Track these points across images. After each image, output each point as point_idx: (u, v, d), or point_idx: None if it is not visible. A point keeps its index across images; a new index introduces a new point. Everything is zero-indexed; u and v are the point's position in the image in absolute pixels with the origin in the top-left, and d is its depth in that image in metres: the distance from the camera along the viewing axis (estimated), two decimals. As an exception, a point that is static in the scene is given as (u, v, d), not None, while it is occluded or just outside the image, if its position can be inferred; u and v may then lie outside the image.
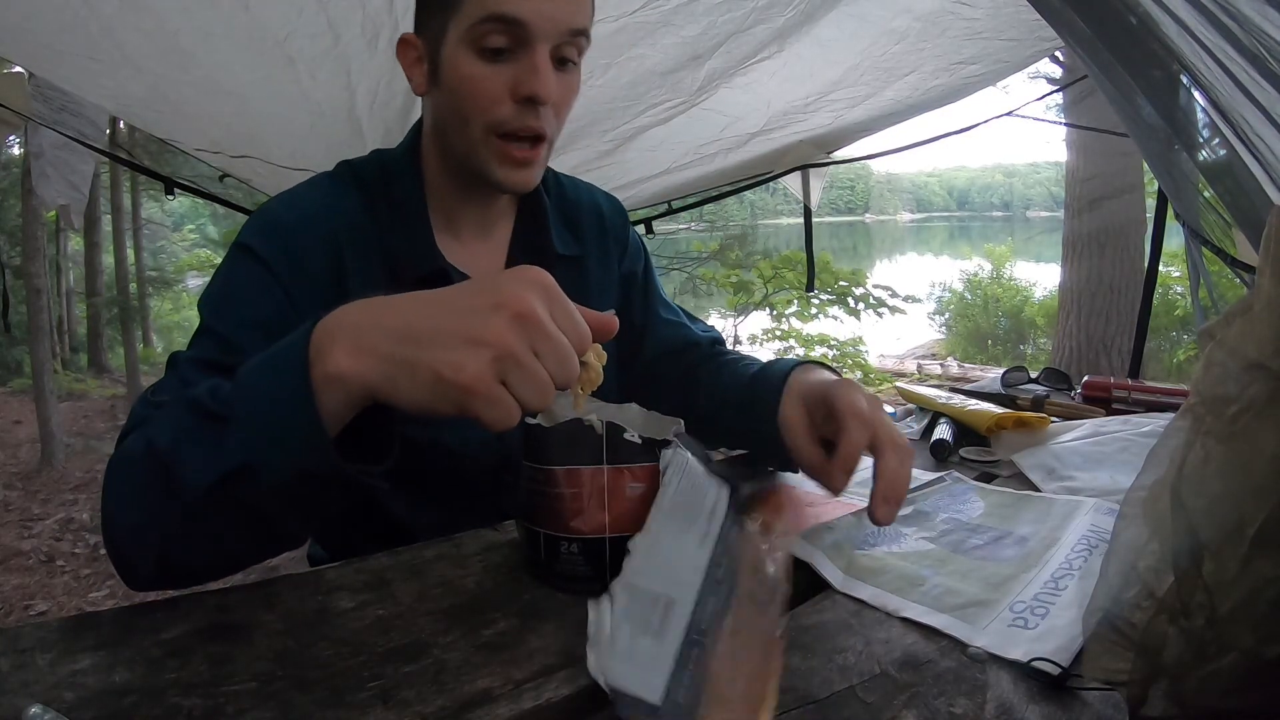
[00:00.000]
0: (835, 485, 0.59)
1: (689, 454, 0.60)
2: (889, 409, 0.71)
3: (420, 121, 0.81)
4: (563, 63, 0.71)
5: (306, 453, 0.48)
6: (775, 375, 0.71)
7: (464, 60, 0.69)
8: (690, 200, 3.11)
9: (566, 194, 0.90)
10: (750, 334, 7.28)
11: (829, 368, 0.73)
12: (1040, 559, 0.63)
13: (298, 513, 0.53)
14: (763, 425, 0.69)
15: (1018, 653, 0.49)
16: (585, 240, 0.89)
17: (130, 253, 7.42)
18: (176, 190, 2.54)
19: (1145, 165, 4.29)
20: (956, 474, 0.83)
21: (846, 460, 0.58)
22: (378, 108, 1.87)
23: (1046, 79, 5.22)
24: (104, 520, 0.55)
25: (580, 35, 0.71)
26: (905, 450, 0.58)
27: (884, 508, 0.56)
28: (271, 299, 0.69)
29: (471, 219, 0.81)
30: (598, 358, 0.50)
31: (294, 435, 0.48)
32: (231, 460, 0.49)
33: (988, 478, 0.86)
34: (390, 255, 0.76)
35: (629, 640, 0.46)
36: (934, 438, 0.96)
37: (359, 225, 0.76)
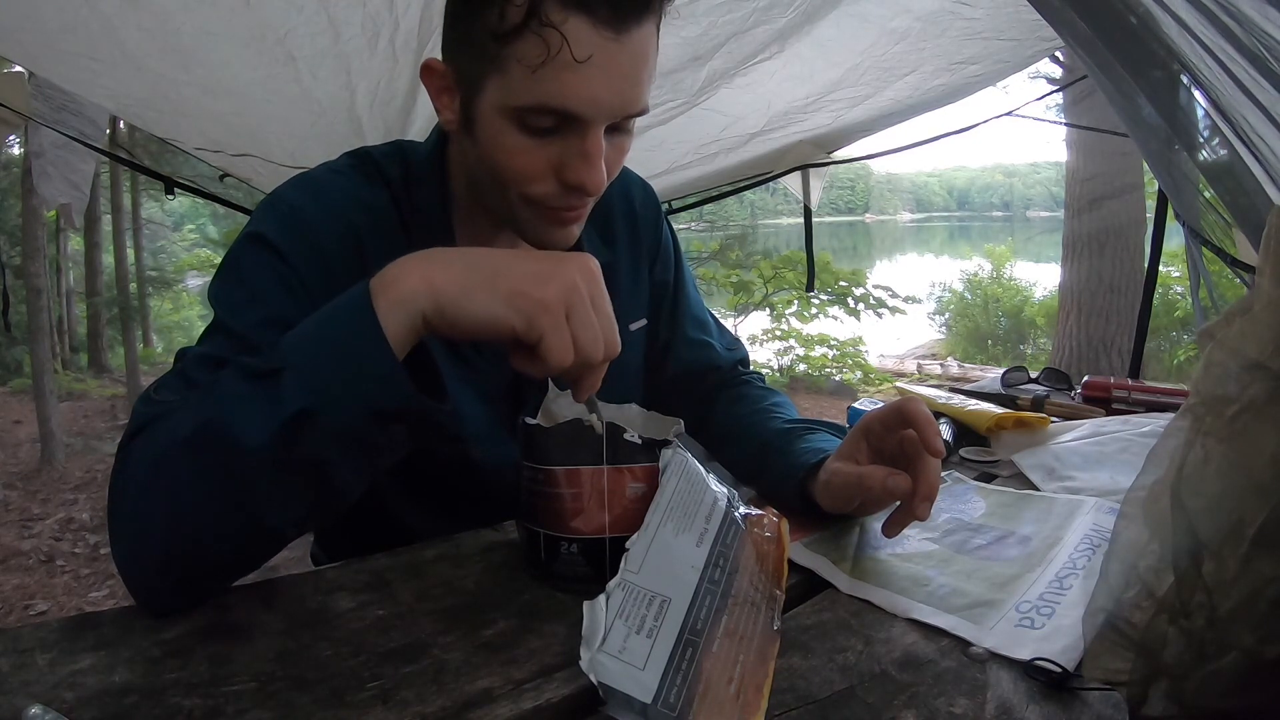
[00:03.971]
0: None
1: (688, 454, 0.60)
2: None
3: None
4: (614, 130, 0.63)
5: (375, 385, 0.49)
6: (796, 467, 0.70)
7: (503, 129, 0.61)
8: (690, 200, 3.12)
9: None
10: (750, 334, 7.29)
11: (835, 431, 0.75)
12: (1044, 558, 0.63)
13: (359, 462, 0.52)
14: (772, 481, 0.73)
15: (1024, 653, 0.49)
16: (617, 243, 0.84)
17: (130, 252, 7.42)
18: (176, 190, 2.54)
19: (1145, 165, 4.28)
20: (957, 474, 0.83)
21: (930, 490, 0.60)
22: (378, 106, 1.87)
23: (1046, 79, 5.22)
24: (116, 535, 0.52)
25: (637, 115, 0.63)
26: (939, 453, 0.61)
27: (924, 505, 0.60)
28: (293, 298, 0.63)
29: (501, 242, 0.75)
30: None
31: (362, 368, 0.49)
32: (291, 405, 0.48)
33: (988, 478, 0.85)
34: None
35: (623, 639, 0.46)
36: (934, 438, 0.96)
37: (384, 224, 0.70)
